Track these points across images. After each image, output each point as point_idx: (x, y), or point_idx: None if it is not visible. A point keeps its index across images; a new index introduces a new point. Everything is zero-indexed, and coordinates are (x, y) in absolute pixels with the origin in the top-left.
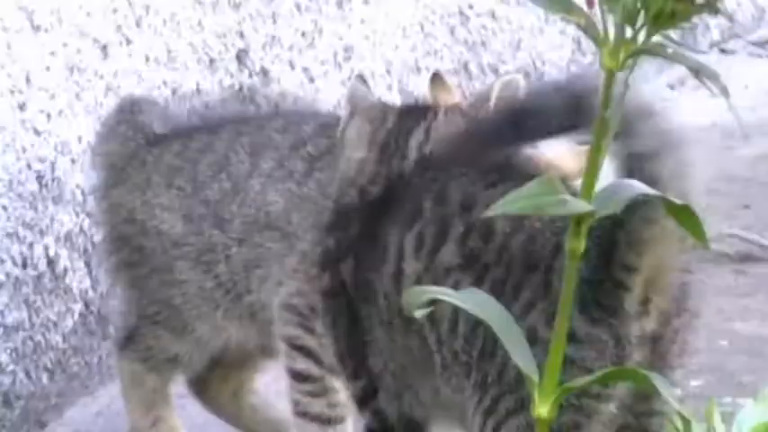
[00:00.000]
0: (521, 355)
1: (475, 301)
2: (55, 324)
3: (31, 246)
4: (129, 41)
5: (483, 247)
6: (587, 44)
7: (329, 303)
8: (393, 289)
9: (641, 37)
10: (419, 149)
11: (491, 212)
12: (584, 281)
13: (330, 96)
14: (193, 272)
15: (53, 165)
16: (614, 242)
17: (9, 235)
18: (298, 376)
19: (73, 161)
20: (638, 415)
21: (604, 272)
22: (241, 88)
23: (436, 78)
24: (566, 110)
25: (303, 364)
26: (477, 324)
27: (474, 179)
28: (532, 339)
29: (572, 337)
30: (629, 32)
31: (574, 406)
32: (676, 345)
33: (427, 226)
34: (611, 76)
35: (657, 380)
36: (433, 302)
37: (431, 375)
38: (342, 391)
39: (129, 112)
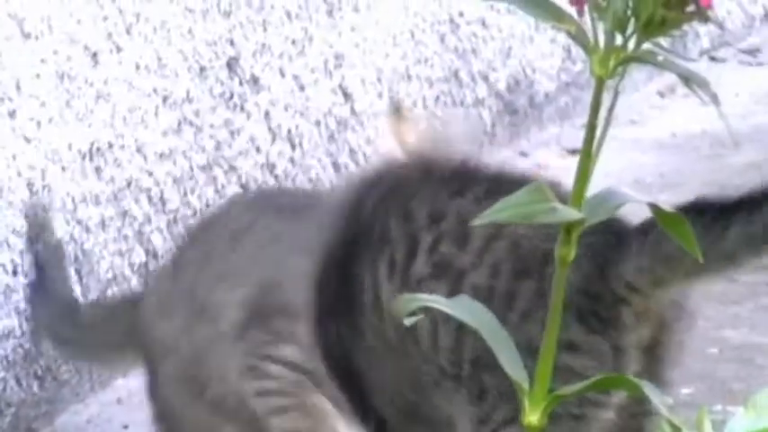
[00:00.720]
0: (510, 362)
1: (463, 308)
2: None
3: (21, 253)
4: (119, 49)
5: (456, 252)
6: (578, 52)
7: (329, 363)
8: (376, 319)
9: (631, 45)
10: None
11: (479, 221)
12: (580, 291)
13: (320, 104)
14: None
15: (43, 172)
16: (612, 260)
17: None
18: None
19: (63, 169)
20: (633, 415)
21: (602, 285)
22: (231, 96)
23: (394, 108)
24: None
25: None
26: (464, 334)
27: (435, 190)
28: (530, 350)
29: (571, 347)
30: (619, 40)
31: (572, 414)
32: (673, 349)
33: (396, 247)
34: (600, 83)
35: (647, 387)
36: (422, 312)
37: (426, 394)
38: None
39: None
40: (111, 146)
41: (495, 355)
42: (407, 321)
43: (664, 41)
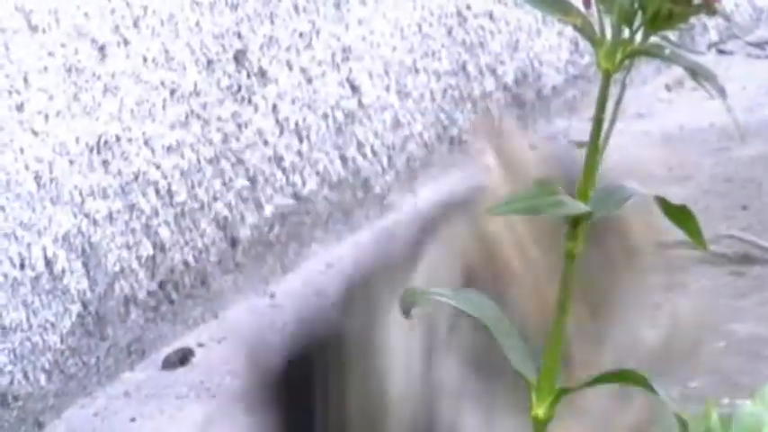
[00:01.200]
0: (517, 357)
1: (471, 302)
2: (53, 325)
3: (28, 246)
4: (126, 42)
5: None
6: (585, 45)
7: None
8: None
9: (638, 38)
10: None
11: (491, 213)
12: None
13: (328, 97)
14: None
15: (51, 165)
16: None
17: (7, 235)
18: None
19: (71, 162)
20: None
21: None
22: (239, 89)
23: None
24: None
25: None
26: None
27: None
28: None
29: None
30: (626, 33)
31: None
32: None
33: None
34: (607, 76)
35: (654, 381)
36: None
37: None
38: None
39: None
40: (118, 139)
41: (503, 348)
42: (409, 317)
43: (671, 34)
